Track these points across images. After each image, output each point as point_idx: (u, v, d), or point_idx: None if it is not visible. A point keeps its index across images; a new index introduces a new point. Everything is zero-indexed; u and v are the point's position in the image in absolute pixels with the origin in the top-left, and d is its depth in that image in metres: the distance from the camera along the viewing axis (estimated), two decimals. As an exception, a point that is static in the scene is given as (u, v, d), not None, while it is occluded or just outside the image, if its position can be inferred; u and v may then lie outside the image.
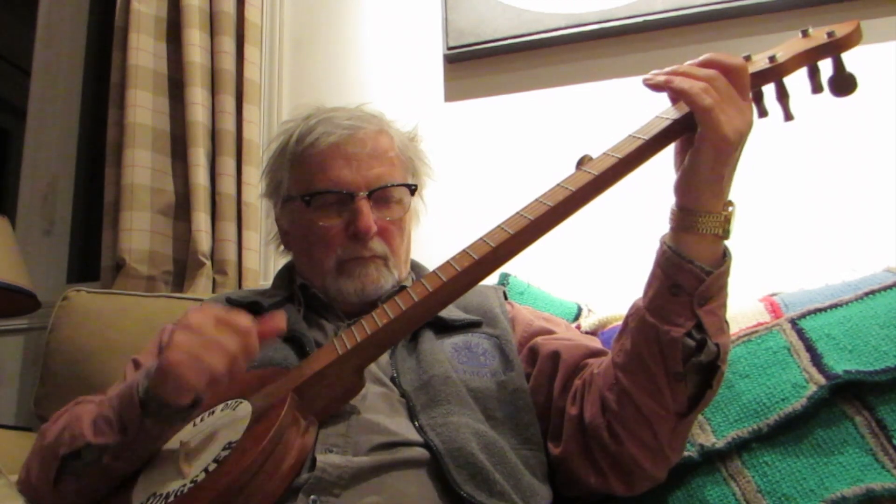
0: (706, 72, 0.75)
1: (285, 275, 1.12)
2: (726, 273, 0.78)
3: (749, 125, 0.75)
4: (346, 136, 1.02)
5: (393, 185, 1.03)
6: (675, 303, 0.77)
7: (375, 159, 1.02)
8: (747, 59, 0.81)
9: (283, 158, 1.08)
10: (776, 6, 1.50)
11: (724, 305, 0.80)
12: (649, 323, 0.78)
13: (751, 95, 0.78)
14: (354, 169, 1.01)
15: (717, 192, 0.76)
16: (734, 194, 0.78)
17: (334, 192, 1.00)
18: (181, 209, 1.76)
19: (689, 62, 0.78)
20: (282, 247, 1.16)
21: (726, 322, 0.81)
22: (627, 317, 0.83)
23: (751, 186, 1.36)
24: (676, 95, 0.77)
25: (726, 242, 0.79)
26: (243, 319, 0.76)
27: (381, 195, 1.02)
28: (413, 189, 1.06)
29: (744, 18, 1.53)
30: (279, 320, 0.80)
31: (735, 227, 0.77)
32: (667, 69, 0.78)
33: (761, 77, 0.80)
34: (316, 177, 1.02)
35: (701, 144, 0.74)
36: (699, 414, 0.92)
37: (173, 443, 0.81)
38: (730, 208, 0.77)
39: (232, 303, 1.05)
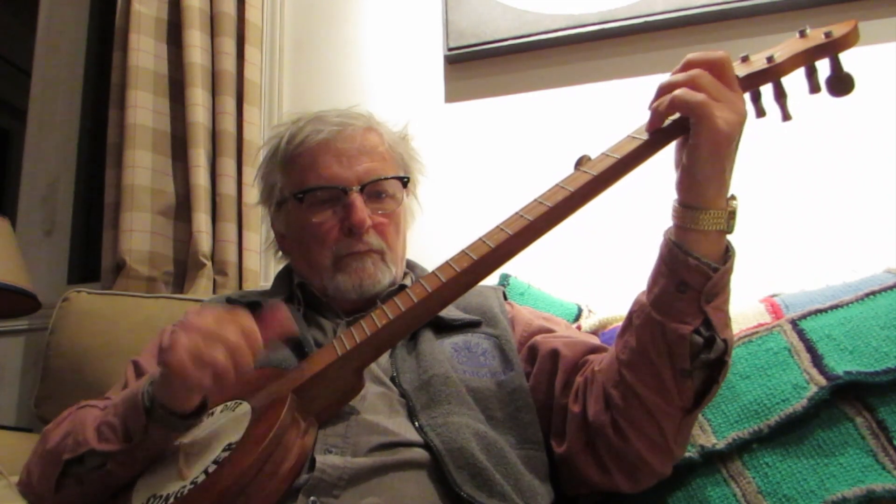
0: (685, 74, 0.75)
1: (285, 275, 1.13)
2: (731, 269, 0.78)
3: (742, 115, 0.75)
4: (335, 133, 1.03)
5: (384, 179, 1.04)
6: (682, 300, 0.77)
7: (365, 154, 1.03)
8: (745, 59, 0.81)
9: (274, 161, 1.09)
10: (776, 7, 1.50)
11: (728, 301, 0.80)
12: (656, 320, 0.78)
13: (748, 95, 0.79)
14: (345, 164, 1.02)
15: (719, 187, 0.75)
16: (735, 194, 0.78)
17: (326, 188, 1.01)
18: (181, 210, 1.76)
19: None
20: (279, 252, 1.16)
21: (729, 317, 0.81)
22: (631, 313, 0.83)
23: (751, 187, 1.36)
24: (666, 110, 0.76)
25: (729, 238, 0.78)
26: (243, 315, 0.76)
27: (373, 189, 1.03)
28: (405, 182, 1.07)
29: (744, 19, 1.53)
30: (280, 312, 0.80)
31: (738, 221, 0.77)
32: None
33: (759, 77, 0.79)
34: (307, 174, 1.03)
35: (696, 140, 0.73)
36: (701, 412, 0.92)
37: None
38: (732, 203, 0.77)
39: (232, 303, 1.05)
